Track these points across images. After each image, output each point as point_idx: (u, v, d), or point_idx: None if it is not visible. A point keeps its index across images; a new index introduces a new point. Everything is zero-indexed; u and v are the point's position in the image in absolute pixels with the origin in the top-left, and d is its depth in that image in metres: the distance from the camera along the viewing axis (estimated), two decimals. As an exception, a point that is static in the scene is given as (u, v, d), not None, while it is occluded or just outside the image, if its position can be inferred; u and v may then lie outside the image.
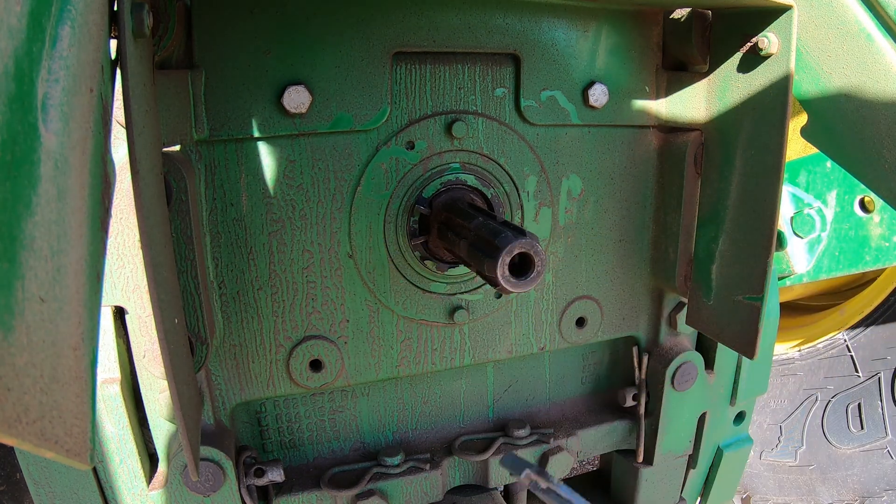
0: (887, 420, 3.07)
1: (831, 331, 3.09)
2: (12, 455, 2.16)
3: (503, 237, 1.07)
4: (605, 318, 1.63)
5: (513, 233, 1.08)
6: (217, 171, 1.23)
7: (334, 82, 1.24)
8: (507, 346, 1.56)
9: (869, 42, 1.23)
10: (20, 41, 0.54)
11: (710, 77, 1.37)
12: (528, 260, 1.07)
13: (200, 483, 1.32)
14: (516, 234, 1.07)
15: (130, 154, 0.82)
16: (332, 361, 1.40)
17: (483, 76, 1.36)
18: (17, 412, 0.49)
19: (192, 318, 1.20)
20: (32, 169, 0.55)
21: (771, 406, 3.24)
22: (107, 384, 1.25)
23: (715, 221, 1.41)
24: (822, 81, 1.29)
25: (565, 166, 1.47)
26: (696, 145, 1.45)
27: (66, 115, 0.62)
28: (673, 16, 1.43)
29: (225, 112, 1.19)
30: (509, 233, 1.08)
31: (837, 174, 2.41)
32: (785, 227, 2.45)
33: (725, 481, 1.93)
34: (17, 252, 0.52)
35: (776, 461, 3.30)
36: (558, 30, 1.37)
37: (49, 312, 0.55)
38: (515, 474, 1.05)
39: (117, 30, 0.80)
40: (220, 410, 1.37)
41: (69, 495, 1.32)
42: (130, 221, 1.17)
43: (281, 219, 1.29)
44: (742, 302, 1.35)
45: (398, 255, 1.38)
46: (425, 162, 1.35)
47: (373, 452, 1.59)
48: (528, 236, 1.06)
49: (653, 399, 1.70)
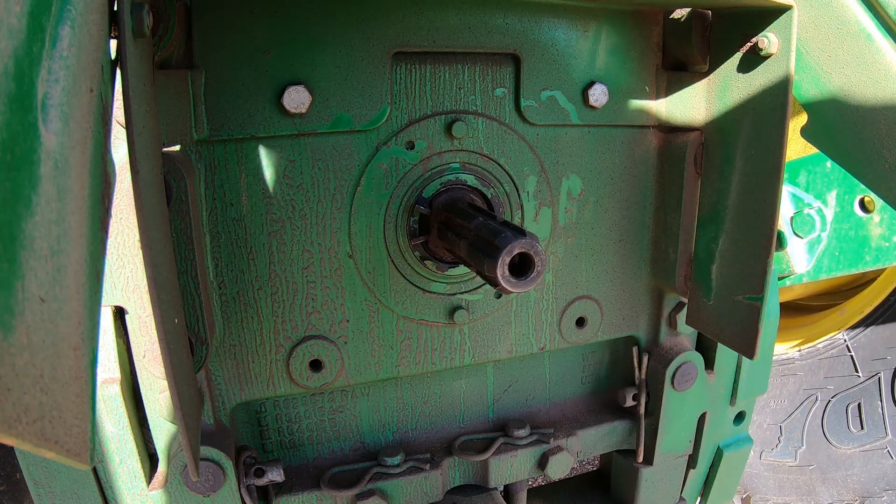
0: (887, 420, 3.07)
1: (831, 331, 3.09)
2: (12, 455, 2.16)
3: (503, 237, 1.07)
4: (605, 318, 1.63)
5: (513, 233, 1.08)
6: (217, 171, 1.23)
7: (334, 82, 1.24)
8: (507, 346, 1.56)
9: (869, 42, 1.23)
10: (20, 41, 0.54)
11: (710, 77, 1.37)
12: (528, 260, 1.07)
13: (200, 483, 1.32)
14: (516, 234, 1.07)
15: (130, 154, 0.82)
16: (332, 361, 1.40)
17: (483, 76, 1.36)
18: (17, 412, 0.49)
19: (192, 318, 1.20)
20: (32, 169, 0.55)
21: (771, 406, 3.24)
22: (107, 384, 1.25)
23: (715, 221, 1.41)
24: (822, 81, 1.29)
25: (565, 166, 1.47)
26: (696, 145, 1.45)
27: (66, 115, 0.62)
28: (673, 16, 1.43)
29: (225, 112, 1.19)
30: (509, 233, 1.08)
31: (837, 174, 2.41)
32: (785, 227, 2.45)
33: (725, 481, 1.93)
34: (17, 252, 0.52)
35: (776, 461, 3.30)
36: (558, 30, 1.37)
37: (49, 312, 0.55)
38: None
39: (117, 30, 0.80)
40: (220, 410, 1.37)
41: (69, 495, 1.32)
42: (130, 221, 1.17)
43: (281, 219, 1.29)
44: (742, 302, 1.35)
45: (398, 255, 1.38)
46: (425, 162, 1.35)
47: (373, 452, 1.59)
48: (528, 236, 1.06)
49: (653, 399, 1.70)
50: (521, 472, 1.65)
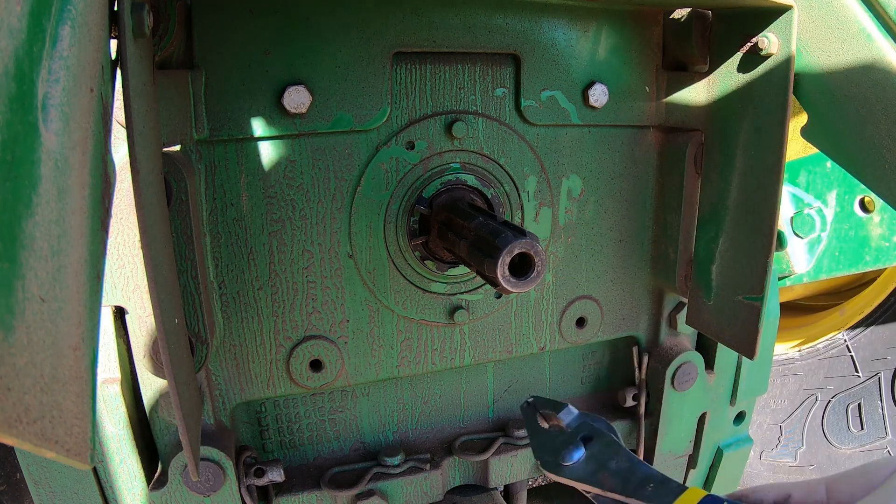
0: (887, 420, 3.07)
1: (831, 331, 3.09)
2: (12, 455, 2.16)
3: (503, 237, 1.07)
4: (606, 318, 1.63)
5: (513, 233, 1.08)
6: (217, 171, 1.23)
7: (334, 82, 1.24)
8: (508, 346, 1.56)
9: (869, 42, 1.23)
10: (20, 41, 0.54)
11: (710, 77, 1.37)
12: (529, 260, 1.07)
13: (200, 483, 1.32)
14: (516, 234, 1.07)
15: (130, 154, 0.82)
16: (332, 361, 1.40)
17: (483, 76, 1.36)
18: (17, 412, 0.49)
19: (192, 318, 1.20)
20: (32, 169, 0.55)
21: (771, 406, 3.24)
22: (107, 384, 1.25)
23: (715, 221, 1.41)
24: (822, 81, 1.29)
25: (565, 166, 1.47)
26: (696, 145, 1.45)
27: (66, 115, 0.62)
28: (673, 16, 1.43)
29: (225, 112, 1.19)
30: (509, 233, 1.08)
31: (837, 174, 2.41)
32: (785, 227, 2.45)
33: (725, 481, 1.93)
34: (17, 252, 0.52)
35: (776, 461, 3.30)
36: (558, 30, 1.37)
37: (49, 312, 0.55)
38: None
39: (117, 30, 0.80)
40: (220, 410, 1.37)
41: (69, 495, 1.32)
42: (130, 221, 1.17)
43: (281, 219, 1.29)
44: (742, 302, 1.35)
45: (398, 255, 1.38)
46: (425, 162, 1.35)
47: (373, 452, 1.59)
48: (528, 236, 1.06)
49: (653, 399, 1.70)
50: (521, 472, 1.65)
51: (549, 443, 1.05)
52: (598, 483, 0.94)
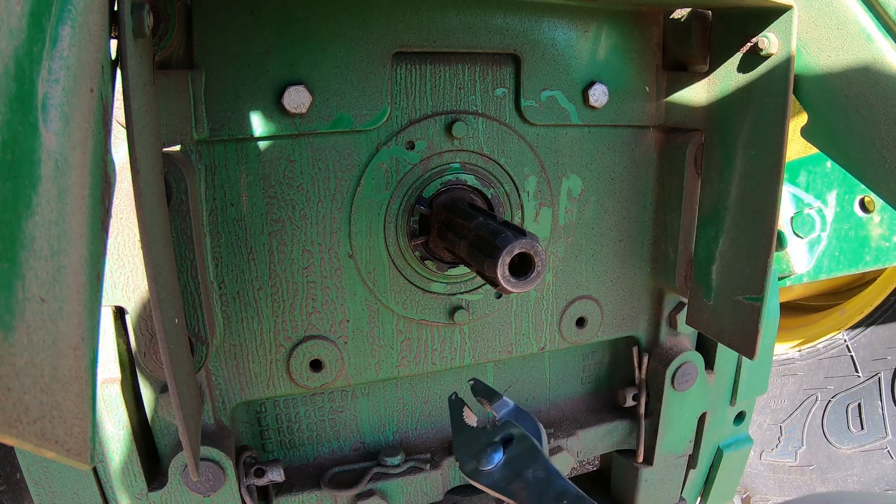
0: (887, 420, 3.07)
1: (831, 331, 3.09)
2: (12, 455, 2.16)
3: (503, 237, 1.07)
4: (606, 318, 1.63)
5: (513, 233, 1.08)
6: (217, 171, 1.23)
7: (334, 82, 1.24)
8: (508, 346, 1.56)
9: (869, 42, 1.23)
10: (20, 41, 0.54)
11: (710, 77, 1.37)
12: (529, 260, 1.07)
13: (200, 483, 1.32)
14: (516, 234, 1.07)
15: (130, 154, 0.82)
16: (332, 361, 1.40)
17: (483, 76, 1.36)
18: (17, 412, 0.49)
19: (192, 318, 1.20)
20: (33, 169, 0.55)
21: (771, 406, 3.24)
22: (107, 384, 1.25)
23: (715, 221, 1.41)
24: (822, 82, 1.29)
25: (565, 166, 1.47)
26: (696, 145, 1.45)
27: (66, 115, 0.62)
28: (673, 16, 1.43)
29: (225, 112, 1.19)
30: (509, 233, 1.08)
31: (837, 174, 2.41)
32: (785, 227, 2.45)
33: (725, 481, 1.93)
34: (17, 252, 0.52)
35: (776, 461, 3.30)
36: (558, 30, 1.37)
37: (49, 312, 0.55)
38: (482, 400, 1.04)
39: (117, 30, 0.80)
40: (220, 410, 1.37)
41: (69, 495, 1.32)
42: (130, 221, 1.17)
43: (281, 219, 1.29)
44: (742, 302, 1.35)
45: (398, 255, 1.38)
46: (425, 162, 1.35)
47: (373, 452, 1.59)
48: (528, 236, 1.06)
49: (653, 399, 1.70)
50: (521, 472, 1.65)
51: (472, 442, 1.03)
52: (512, 495, 0.92)
